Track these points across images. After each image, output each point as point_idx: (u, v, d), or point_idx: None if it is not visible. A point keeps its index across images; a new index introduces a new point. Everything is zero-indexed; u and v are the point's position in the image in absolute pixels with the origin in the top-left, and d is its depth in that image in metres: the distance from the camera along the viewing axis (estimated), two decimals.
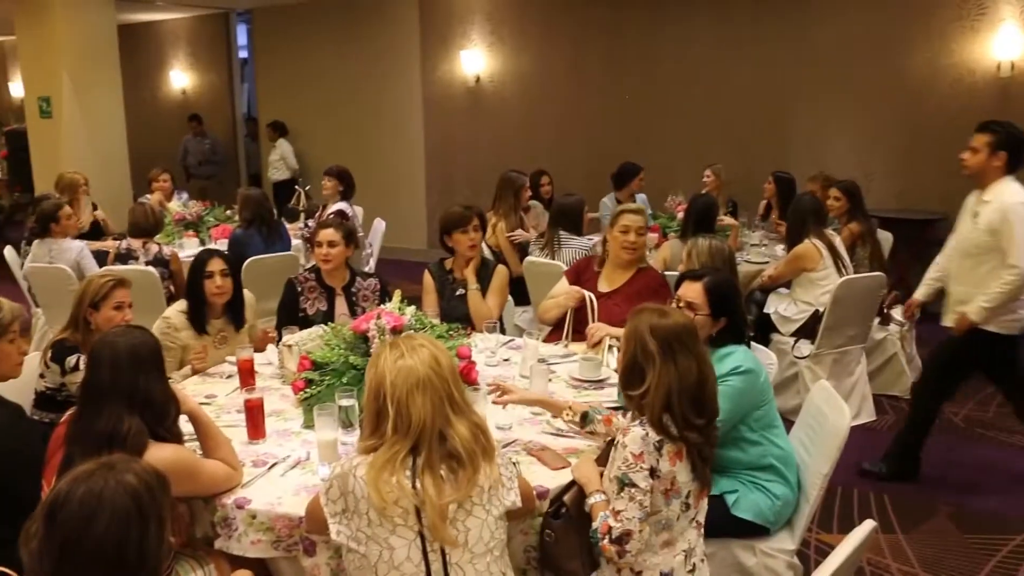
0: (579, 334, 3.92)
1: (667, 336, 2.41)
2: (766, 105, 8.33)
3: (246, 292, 4.21)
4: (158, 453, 2.40)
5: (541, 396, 3.08)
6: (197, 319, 3.95)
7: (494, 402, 2.99)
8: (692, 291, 3.09)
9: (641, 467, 2.33)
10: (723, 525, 2.88)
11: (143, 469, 1.77)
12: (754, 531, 2.95)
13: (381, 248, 7.73)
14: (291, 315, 4.20)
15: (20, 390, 3.33)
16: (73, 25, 9.20)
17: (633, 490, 2.33)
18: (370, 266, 7.06)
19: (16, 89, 15.48)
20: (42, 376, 3.59)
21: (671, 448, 2.36)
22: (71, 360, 3.51)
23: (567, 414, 2.90)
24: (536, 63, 9.67)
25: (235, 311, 4.08)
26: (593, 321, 4.05)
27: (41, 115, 9.51)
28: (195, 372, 3.75)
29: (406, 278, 7.51)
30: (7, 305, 2.92)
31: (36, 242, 5.99)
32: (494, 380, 3.15)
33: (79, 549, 1.65)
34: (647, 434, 2.36)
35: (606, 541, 2.34)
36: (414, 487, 2.10)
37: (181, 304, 4.02)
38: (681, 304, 3.07)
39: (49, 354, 3.56)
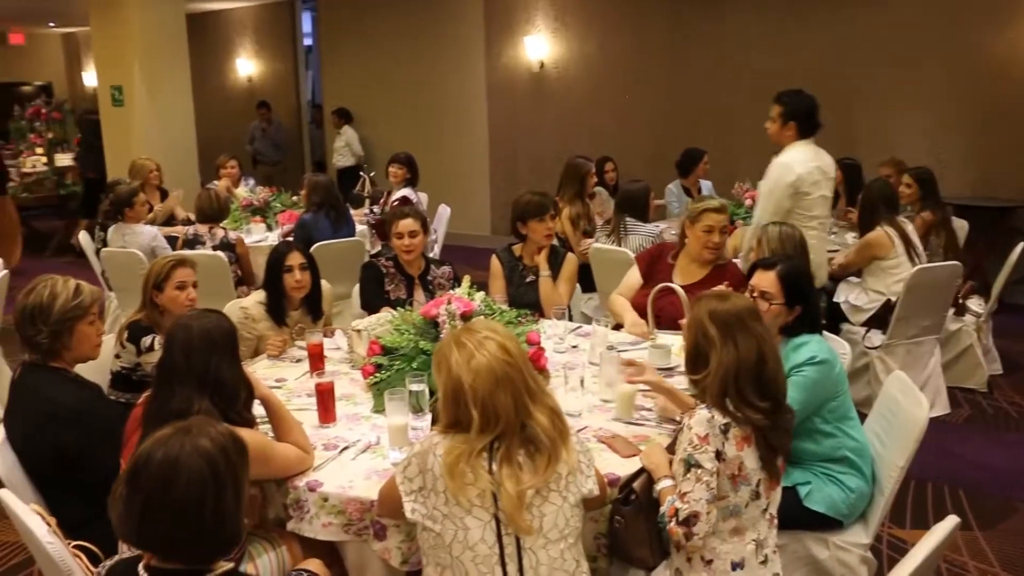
0: (658, 323, 3.86)
1: (726, 319, 2.43)
2: (832, 88, 8.08)
3: (324, 283, 4.20)
4: None
5: (671, 386, 3.03)
6: (276, 311, 3.97)
7: (628, 379, 2.97)
8: (765, 280, 3.04)
9: (706, 448, 2.33)
10: (795, 517, 2.82)
11: (219, 433, 1.85)
12: (827, 524, 2.89)
13: (444, 234, 7.75)
14: (377, 292, 4.23)
15: (96, 371, 3.41)
16: (144, 15, 9.35)
17: (699, 471, 2.32)
18: (435, 252, 7.09)
19: (89, 78, 15.85)
20: (118, 356, 3.66)
21: (738, 432, 2.35)
22: (146, 340, 3.57)
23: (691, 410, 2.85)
24: (599, 48, 9.59)
25: (313, 304, 4.09)
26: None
27: (113, 103, 9.69)
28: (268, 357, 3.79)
29: (469, 264, 7.50)
30: (87, 288, 2.99)
31: (111, 227, 6.12)
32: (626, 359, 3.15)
33: (160, 510, 1.74)
34: (712, 416, 2.36)
35: (673, 524, 2.34)
36: (490, 472, 2.10)
37: (259, 295, 4.04)
38: (755, 294, 3.02)
39: (125, 335, 3.64)
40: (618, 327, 4.04)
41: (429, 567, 2.20)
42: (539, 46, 9.91)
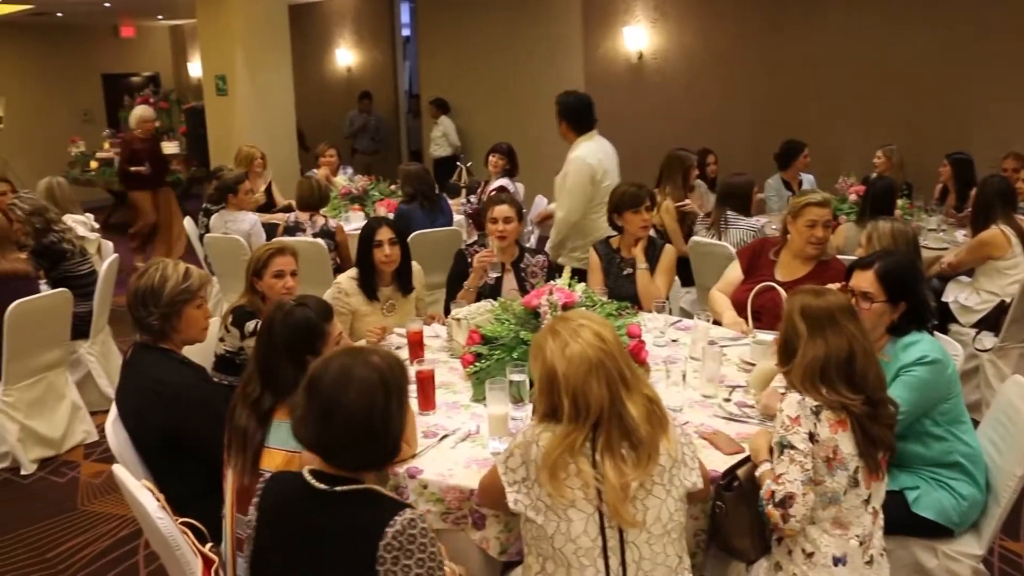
0: (758, 321, 3.77)
1: (817, 315, 2.46)
2: (942, 79, 7.83)
3: (414, 264, 4.29)
4: None
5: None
6: (367, 286, 4.08)
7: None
8: (864, 280, 2.96)
9: (798, 430, 2.34)
10: (902, 523, 2.74)
11: (385, 354, 2.09)
12: (936, 531, 2.79)
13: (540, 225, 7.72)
14: (461, 286, 4.24)
15: (201, 353, 3.49)
16: (248, 6, 9.54)
17: (792, 452, 2.32)
18: (531, 243, 7.08)
19: (194, 69, 16.29)
20: (222, 340, 3.74)
21: (830, 415, 2.35)
22: (249, 325, 3.64)
23: None
24: (699, 39, 9.44)
25: (403, 278, 4.18)
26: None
27: (217, 93, 9.92)
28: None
29: None
30: (196, 272, 3.06)
31: (215, 213, 6.28)
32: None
33: (335, 413, 1.94)
34: (803, 399, 2.38)
35: (770, 506, 2.33)
36: (594, 466, 2.07)
37: (352, 271, 4.15)
38: (855, 296, 2.93)
39: (229, 319, 3.72)
40: (718, 323, 3.97)
41: (530, 557, 2.19)
42: (638, 37, 9.80)
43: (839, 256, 4.42)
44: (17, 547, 4.07)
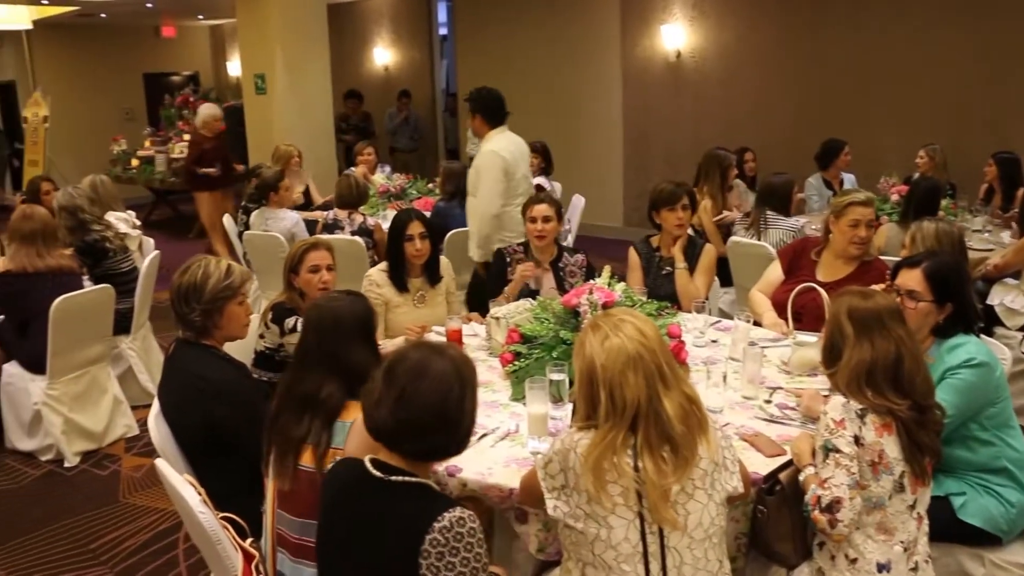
0: (798, 322, 3.73)
1: (864, 317, 2.42)
2: (986, 76, 7.69)
3: (443, 259, 4.38)
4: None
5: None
6: (398, 278, 4.16)
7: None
8: (911, 279, 2.91)
9: (843, 433, 2.31)
10: (948, 529, 2.69)
11: (457, 349, 2.17)
12: (983, 539, 2.74)
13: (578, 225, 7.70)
14: (500, 284, 4.24)
15: (241, 350, 3.51)
16: (287, 5, 9.59)
17: (837, 455, 2.30)
18: (568, 242, 7.06)
19: (233, 68, 16.45)
20: (262, 337, 3.76)
21: (876, 419, 2.33)
22: (289, 322, 3.66)
23: None
24: (738, 37, 9.36)
25: (431, 270, 4.25)
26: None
27: (256, 91, 10.00)
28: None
29: (601, 255, 7.45)
30: (237, 269, 3.07)
31: (255, 211, 6.32)
32: None
33: (412, 398, 1.99)
34: (848, 401, 2.35)
35: (816, 511, 2.30)
36: (636, 468, 2.05)
37: (382, 265, 4.25)
38: (900, 294, 2.89)
39: (269, 316, 3.73)
40: (758, 323, 3.93)
41: (569, 562, 2.18)
42: (676, 35, 9.73)
43: (881, 257, 4.36)
44: (62, 537, 4.14)
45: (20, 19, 11.82)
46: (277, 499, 2.55)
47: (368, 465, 2.04)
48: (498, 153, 5.11)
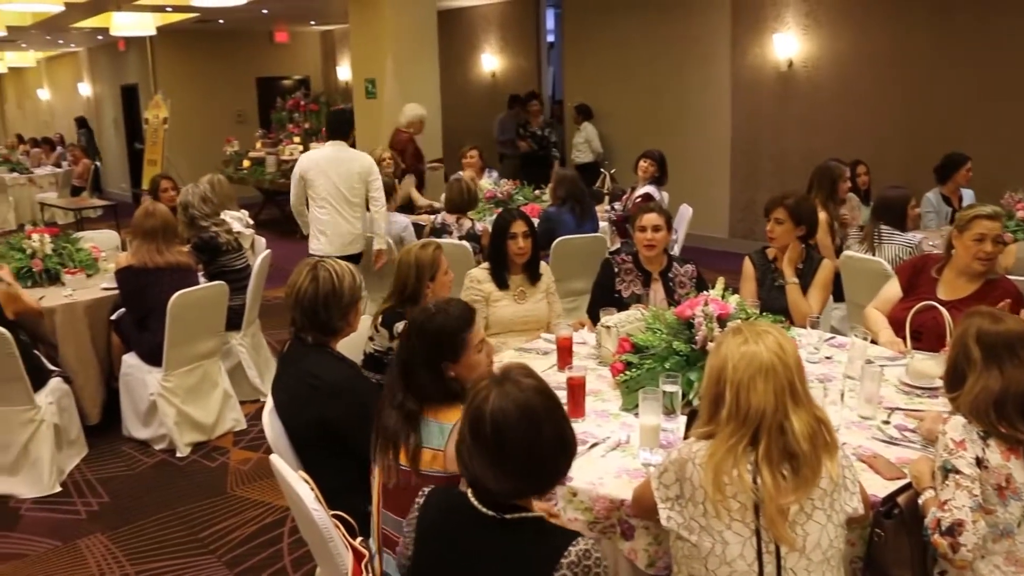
0: (917, 341, 3.60)
1: (994, 342, 2.30)
2: None
3: (541, 262, 4.47)
4: None
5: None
6: (499, 276, 4.29)
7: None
8: None
9: (963, 454, 2.21)
10: None
11: (528, 370, 2.03)
12: None
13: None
14: (606, 294, 4.21)
15: (348, 353, 3.55)
16: (399, 12, 9.74)
17: (957, 476, 2.19)
18: (674, 252, 6.98)
19: (342, 72, 16.80)
20: (371, 339, 3.82)
21: (1000, 442, 2.22)
22: (399, 326, 3.69)
23: None
24: (854, 46, 9.11)
25: (531, 268, 4.35)
26: (949, 335, 3.68)
27: (367, 96, 10.17)
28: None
29: (707, 266, 7.33)
30: (352, 269, 3.13)
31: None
32: None
33: (506, 448, 1.89)
34: (969, 422, 2.25)
35: (937, 535, 2.19)
36: (754, 482, 2.00)
37: (484, 264, 4.40)
38: None
39: (379, 319, 3.78)
40: (874, 341, 3.80)
41: (680, 575, 2.14)
42: (788, 44, 9.54)
43: (1008, 276, 4.17)
44: (174, 524, 4.28)
45: (146, 26, 12.31)
46: (382, 498, 2.57)
47: (474, 501, 1.96)
48: (300, 162, 6.27)
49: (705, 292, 3.22)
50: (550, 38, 13.64)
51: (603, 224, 6.83)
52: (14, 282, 4.98)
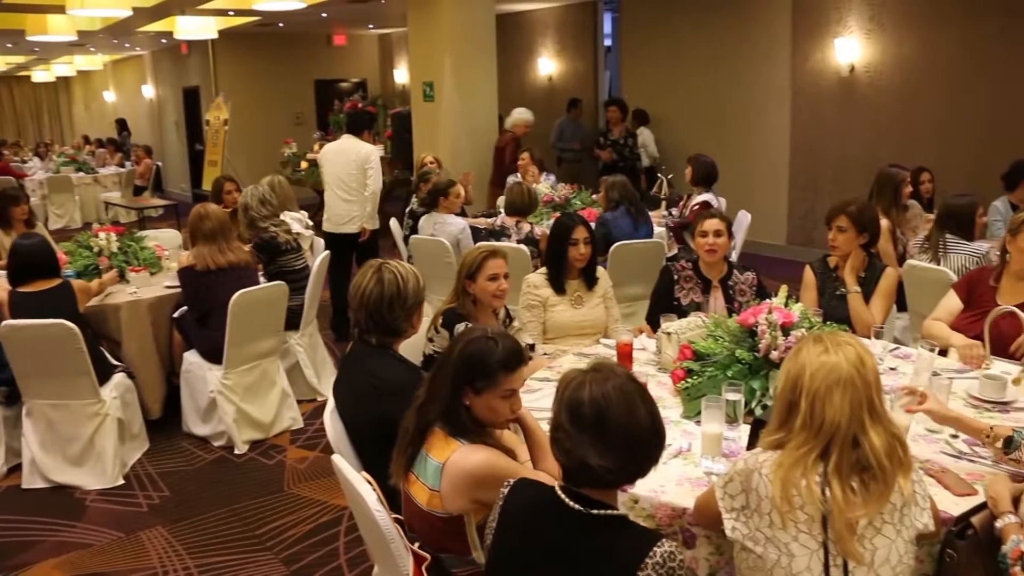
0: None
1: None
2: None
3: (600, 269, 4.47)
4: (470, 456, 2.41)
5: (958, 414, 2.75)
6: (556, 281, 4.31)
7: (905, 409, 2.75)
8: None
9: None
10: None
11: (612, 365, 2.08)
12: None
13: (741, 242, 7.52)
14: (665, 301, 4.18)
15: (407, 354, 3.56)
16: (458, 16, 9.77)
17: None
18: (732, 258, 6.91)
19: (399, 75, 16.94)
20: (431, 340, 3.83)
21: None
22: (459, 327, 3.70)
23: (986, 437, 2.59)
24: (919, 51, 8.94)
25: (588, 273, 4.37)
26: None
27: (424, 99, 10.22)
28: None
29: (764, 274, 7.23)
30: (415, 270, 3.15)
31: (424, 216, 6.46)
32: (905, 385, 2.92)
33: (610, 432, 1.92)
34: None
35: (1018, 568, 2.08)
36: (823, 493, 1.97)
37: (542, 270, 4.41)
38: None
39: (440, 320, 3.80)
40: (943, 352, 3.72)
41: None
42: (850, 48, 9.40)
43: None
44: (231, 520, 4.34)
45: (208, 30, 12.53)
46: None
47: (562, 495, 1.97)
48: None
49: (768, 300, 3.18)
50: (607, 42, 13.59)
51: (659, 230, 6.78)
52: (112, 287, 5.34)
